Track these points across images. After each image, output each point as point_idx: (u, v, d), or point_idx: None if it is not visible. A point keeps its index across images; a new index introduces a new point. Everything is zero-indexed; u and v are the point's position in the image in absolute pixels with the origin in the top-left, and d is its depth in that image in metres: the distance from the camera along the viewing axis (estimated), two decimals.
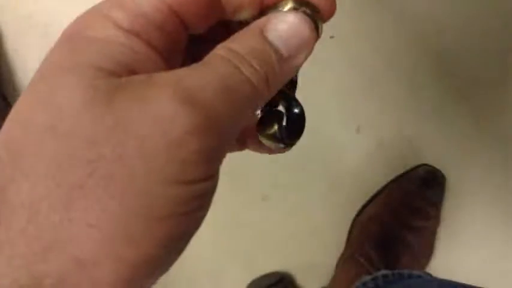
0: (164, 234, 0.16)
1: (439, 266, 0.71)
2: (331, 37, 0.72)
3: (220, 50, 0.17)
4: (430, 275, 0.61)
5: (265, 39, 0.18)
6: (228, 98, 0.16)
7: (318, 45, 0.19)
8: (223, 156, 0.17)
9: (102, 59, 0.16)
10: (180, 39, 0.19)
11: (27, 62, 0.77)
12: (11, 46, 0.79)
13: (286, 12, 0.19)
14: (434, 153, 0.73)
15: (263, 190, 0.76)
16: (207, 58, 0.17)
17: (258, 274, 0.74)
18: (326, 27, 0.20)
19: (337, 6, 0.20)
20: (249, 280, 0.74)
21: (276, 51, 0.18)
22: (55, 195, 0.15)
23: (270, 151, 0.23)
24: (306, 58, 0.19)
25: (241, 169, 0.74)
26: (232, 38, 0.18)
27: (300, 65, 0.19)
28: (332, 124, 0.73)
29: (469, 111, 0.72)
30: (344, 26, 0.72)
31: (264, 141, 0.21)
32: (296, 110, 0.21)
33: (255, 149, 0.23)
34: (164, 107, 0.15)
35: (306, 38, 0.18)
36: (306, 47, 0.19)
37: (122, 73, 0.16)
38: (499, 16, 0.71)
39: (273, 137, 0.21)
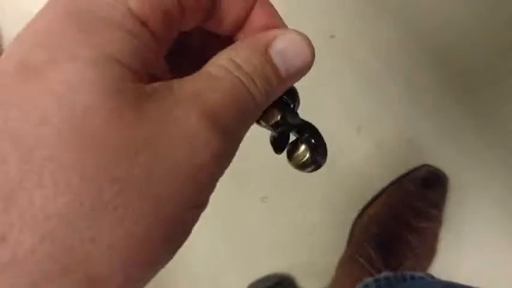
0: (170, 257, 0.16)
1: (442, 268, 0.71)
2: (332, 37, 0.72)
3: (224, 60, 0.17)
4: (433, 277, 0.60)
5: (268, 58, 0.18)
6: (241, 118, 0.17)
7: (318, 45, 0.20)
8: None
9: (123, 52, 0.14)
10: (174, 35, 0.17)
11: None
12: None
13: (291, 30, 0.19)
14: (435, 153, 0.72)
15: (262, 191, 0.75)
16: (213, 68, 0.17)
17: (258, 275, 0.73)
18: (326, 27, 0.20)
19: (338, 6, 0.21)
20: (248, 281, 0.73)
21: (277, 72, 0.18)
22: (77, 212, 0.13)
23: None
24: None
25: (240, 170, 0.73)
26: (235, 48, 0.18)
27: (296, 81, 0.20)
28: (332, 125, 0.73)
29: (470, 111, 0.72)
30: (344, 25, 0.72)
31: (296, 168, 0.22)
32: (314, 135, 0.22)
33: None
34: (194, 129, 0.15)
35: (307, 63, 0.19)
36: (305, 71, 0.19)
37: (141, 73, 0.15)
38: (499, 14, 0.71)
39: (305, 164, 0.22)
